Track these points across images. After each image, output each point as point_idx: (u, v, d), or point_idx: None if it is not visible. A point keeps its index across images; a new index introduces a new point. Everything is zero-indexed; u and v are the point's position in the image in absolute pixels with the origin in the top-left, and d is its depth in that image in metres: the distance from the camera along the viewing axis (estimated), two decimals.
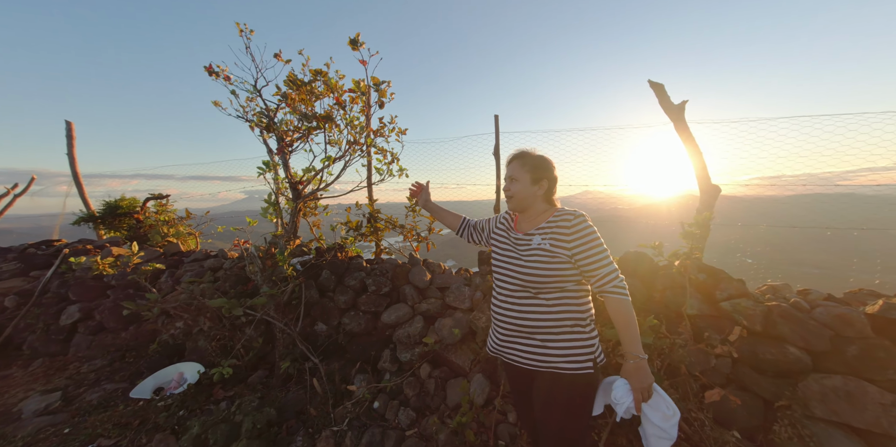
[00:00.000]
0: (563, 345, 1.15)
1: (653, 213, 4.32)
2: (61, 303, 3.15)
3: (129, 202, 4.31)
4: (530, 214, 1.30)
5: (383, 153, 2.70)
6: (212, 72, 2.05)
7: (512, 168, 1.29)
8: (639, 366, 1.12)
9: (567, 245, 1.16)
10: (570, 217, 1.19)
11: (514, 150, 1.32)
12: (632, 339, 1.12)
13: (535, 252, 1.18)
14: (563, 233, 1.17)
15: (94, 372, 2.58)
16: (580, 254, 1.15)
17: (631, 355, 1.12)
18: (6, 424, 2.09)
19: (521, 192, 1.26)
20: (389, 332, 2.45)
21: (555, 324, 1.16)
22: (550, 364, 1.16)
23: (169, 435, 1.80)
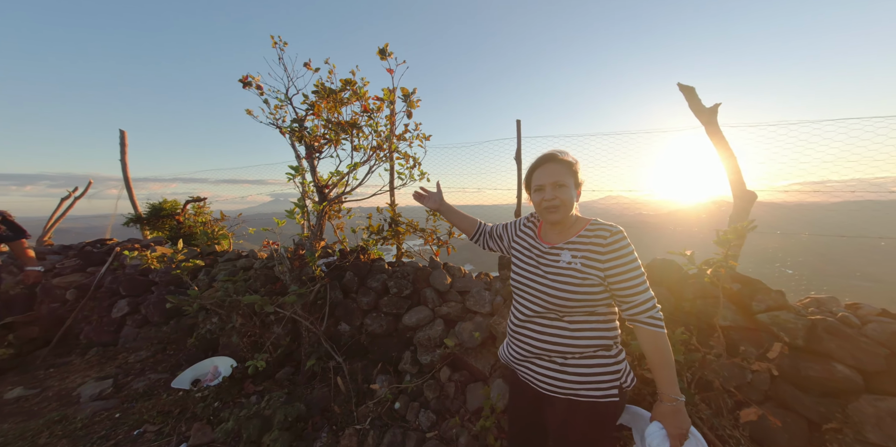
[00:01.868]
0: (585, 370, 1.01)
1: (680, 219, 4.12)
2: (113, 298, 3.40)
3: (171, 204, 4.60)
4: (562, 225, 1.12)
5: (406, 158, 2.75)
6: (246, 83, 2.17)
7: (552, 173, 1.07)
8: (676, 409, 0.96)
9: (601, 265, 1.00)
10: (605, 233, 1.02)
11: (551, 152, 1.11)
12: (668, 379, 0.97)
13: (565, 272, 1.03)
14: (598, 252, 1.01)
15: (140, 362, 2.76)
16: (615, 276, 0.99)
17: (668, 397, 0.97)
18: (68, 406, 2.28)
19: (570, 200, 1.06)
20: (410, 334, 2.47)
21: (578, 350, 1.02)
22: (568, 390, 1.02)
23: (205, 424, 1.90)
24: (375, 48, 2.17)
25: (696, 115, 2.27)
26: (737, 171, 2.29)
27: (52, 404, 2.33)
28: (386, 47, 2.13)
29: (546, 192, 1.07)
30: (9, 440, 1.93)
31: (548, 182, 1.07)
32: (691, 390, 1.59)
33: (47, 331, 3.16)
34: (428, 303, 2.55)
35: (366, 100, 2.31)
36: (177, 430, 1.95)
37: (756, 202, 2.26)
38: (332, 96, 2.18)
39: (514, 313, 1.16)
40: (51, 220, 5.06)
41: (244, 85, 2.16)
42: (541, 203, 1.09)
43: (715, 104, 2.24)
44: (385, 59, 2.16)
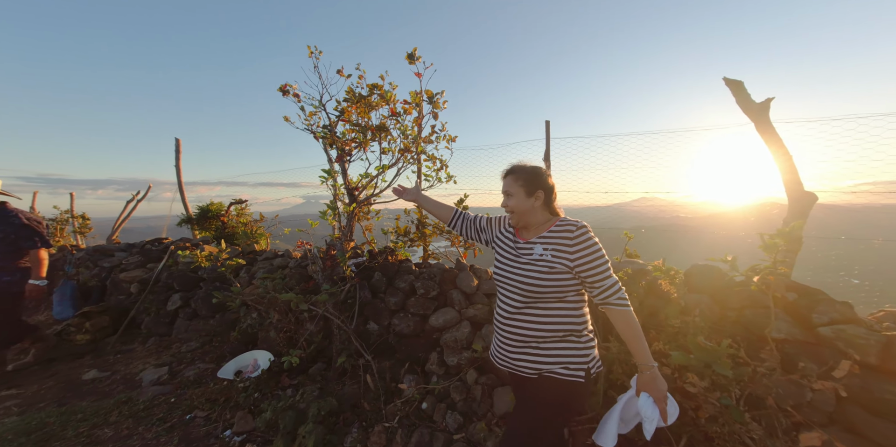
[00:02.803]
0: (557, 351, 1.15)
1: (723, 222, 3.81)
2: (168, 292, 3.70)
3: (217, 206, 4.94)
4: (533, 224, 1.28)
5: (433, 160, 2.76)
6: (285, 91, 2.28)
7: (506, 183, 1.29)
8: (654, 375, 1.11)
9: (569, 256, 1.14)
10: (572, 228, 1.17)
11: (508, 165, 1.32)
12: (642, 350, 1.12)
13: (537, 263, 1.17)
14: (566, 245, 1.15)
15: (191, 352, 2.99)
16: (582, 265, 1.13)
17: (645, 366, 1.12)
18: (132, 389, 2.51)
19: (519, 206, 1.25)
20: (437, 336, 2.47)
21: (550, 334, 1.16)
22: (541, 368, 1.15)
23: (247, 413, 2.02)
24: (402, 49, 2.19)
25: (744, 112, 2.08)
26: (792, 171, 2.07)
27: (120, 386, 2.58)
28: (415, 52, 2.15)
29: (503, 200, 1.30)
30: (87, 416, 2.16)
31: (503, 191, 1.30)
32: (740, 406, 1.45)
33: (115, 320, 3.50)
34: (454, 304, 2.54)
35: (394, 103, 2.35)
36: (222, 417, 2.08)
37: (816, 204, 2.03)
38: (363, 101, 2.23)
39: (499, 308, 1.29)
40: (118, 220, 5.62)
41: (283, 93, 2.27)
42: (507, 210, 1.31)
43: (767, 99, 2.05)
44: (413, 63, 2.18)
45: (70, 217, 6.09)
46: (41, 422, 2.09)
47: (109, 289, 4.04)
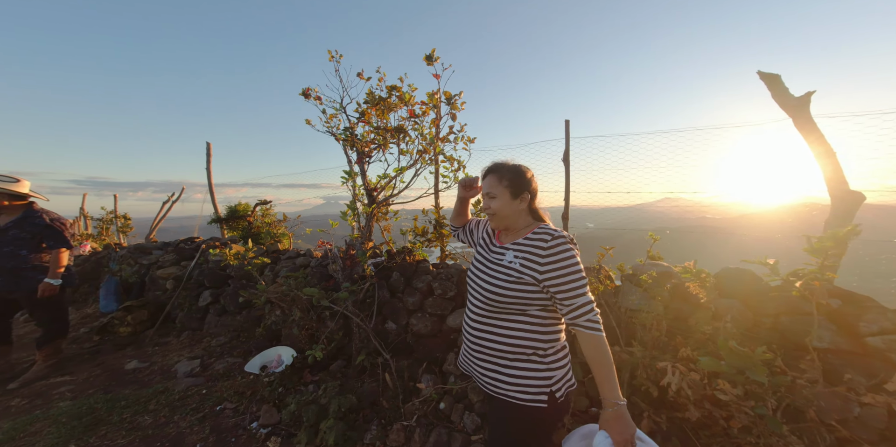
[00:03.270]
0: (517, 373, 1.05)
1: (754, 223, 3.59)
2: (199, 288, 3.89)
3: (243, 207, 5.15)
4: (513, 229, 1.19)
5: (451, 161, 2.76)
6: (307, 95, 2.35)
7: (488, 183, 1.17)
8: (618, 413, 0.95)
9: (539, 267, 1.03)
10: (547, 237, 1.05)
11: (489, 164, 1.21)
12: (608, 381, 0.96)
13: (504, 269, 1.08)
14: (537, 254, 1.05)
15: (220, 346, 3.13)
16: (552, 279, 1.02)
17: (609, 402, 0.96)
18: (168, 380, 2.66)
19: (503, 209, 1.14)
20: (454, 336, 2.46)
21: (511, 349, 1.06)
22: (501, 391, 1.06)
23: (272, 407, 2.09)
24: (418, 48, 2.21)
25: (781, 107, 1.95)
26: (836, 169, 1.92)
27: (157, 377, 2.74)
28: (433, 53, 2.16)
29: (483, 202, 1.19)
30: (129, 403, 2.31)
31: (483, 193, 1.19)
32: (776, 418, 1.36)
33: (153, 314, 3.72)
34: None
35: (412, 105, 2.36)
36: (249, 409, 2.16)
37: (863, 204, 1.88)
38: (382, 103, 2.26)
39: (466, 311, 1.21)
40: (155, 220, 5.97)
41: (305, 97, 2.33)
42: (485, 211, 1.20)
43: (807, 93, 1.91)
44: (431, 64, 2.19)
45: (114, 217, 6.53)
46: (90, 408, 2.25)
47: (148, 285, 4.30)
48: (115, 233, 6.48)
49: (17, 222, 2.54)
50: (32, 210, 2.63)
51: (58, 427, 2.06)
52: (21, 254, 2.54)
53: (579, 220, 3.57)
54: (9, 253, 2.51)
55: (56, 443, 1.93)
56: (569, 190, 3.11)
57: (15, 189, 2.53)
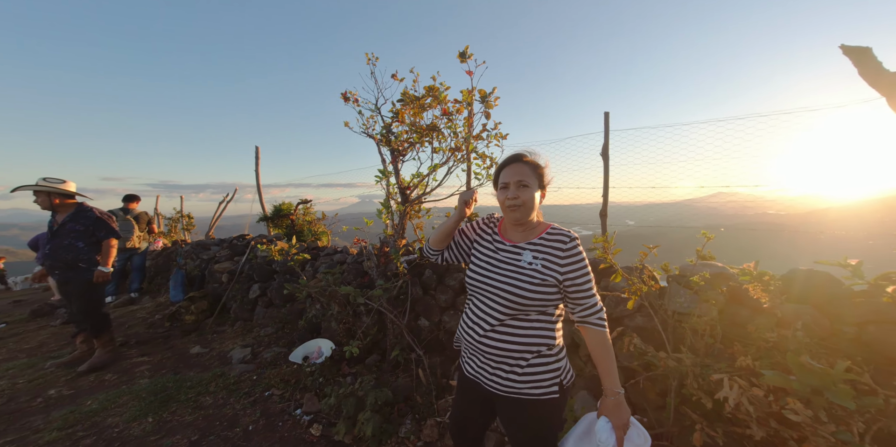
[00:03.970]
0: (530, 370, 1.06)
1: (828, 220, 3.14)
2: (249, 282, 4.21)
3: (287, 206, 5.47)
4: (524, 226, 1.13)
5: (483, 158, 2.72)
6: (346, 98, 2.42)
7: (520, 171, 1.08)
8: (618, 402, 1.04)
9: (559, 269, 1.05)
10: (565, 239, 1.07)
11: (519, 151, 1.13)
12: (611, 373, 1.04)
13: (525, 271, 1.05)
14: (557, 256, 1.05)
15: (267, 337, 3.36)
16: (571, 280, 1.04)
17: (612, 391, 1.04)
18: (225, 365, 2.91)
19: (532, 200, 1.07)
20: None
21: (526, 348, 1.06)
22: (514, 390, 1.07)
23: (314, 396, 2.20)
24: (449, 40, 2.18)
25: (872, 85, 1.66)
26: None
27: (216, 362, 3.01)
28: (466, 50, 2.12)
29: (510, 191, 1.09)
30: (193, 384, 2.56)
31: (512, 180, 1.08)
32: (865, 444, 1.17)
33: (211, 304, 4.09)
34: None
35: (445, 103, 2.35)
36: (293, 397, 2.30)
37: None
38: (416, 102, 2.28)
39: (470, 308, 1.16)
40: (213, 218, 6.55)
41: (345, 100, 2.41)
42: (504, 201, 1.10)
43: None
44: (464, 61, 2.16)
45: (180, 216, 7.27)
46: (163, 386, 2.53)
47: (207, 278, 4.73)
48: (181, 230, 7.21)
49: (72, 216, 2.84)
50: (84, 206, 2.91)
51: (139, 401, 2.34)
52: (78, 245, 2.81)
53: (618, 218, 3.36)
54: (67, 245, 2.79)
55: (137, 415, 2.19)
56: (608, 186, 2.93)
57: (64, 188, 2.83)
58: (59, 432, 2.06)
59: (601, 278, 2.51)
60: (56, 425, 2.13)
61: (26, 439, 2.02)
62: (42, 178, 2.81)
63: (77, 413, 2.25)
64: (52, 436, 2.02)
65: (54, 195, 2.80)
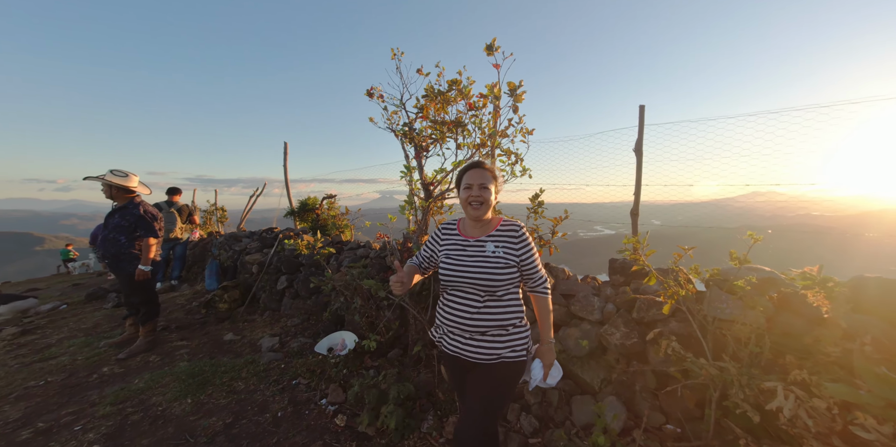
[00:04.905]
0: (506, 338, 1.29)
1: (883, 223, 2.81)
2: (277, 274, 4.34)
3: (312, 201, 5.58)
4: (482, 222, 1.37)
5: (507, 154, 2.63)
6: (371, 94, 2.40)
7: (482, 175, 1.32)
8: (549, 348, 1.39)
9: (516, 253, 1.30)
10: (517, 228, 1.34)
11: (473, 161, 1.40)
12: (547, 328, 1.39)
13: (492, 259, 1.28)
14: (513, 243, 1.31)
15: (294, 327, 3.45)
16: (525, 260, 1.32)
17: (545, 340, 1.39)
18: (255, 352, 3.01)
19: (490, 199, 1.31)
20: None
21: (503, 322, 1.28)
22: (493, 356, 1.28)
23: (338, 387, 2.23)
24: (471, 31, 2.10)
25: None
26: None
27: (247, 349, 3.12)
28: (493, 43, 2.03)
29: (473, 191, 1.31)
30: (227, 370, 2.66)
31: (476, 183, 1.31)
32: None
33: (243, 294, 4.26)
34: (529, 303, 2.40)
35: (470, 98, 2.28)
36: (319, 387, 2.34)
37: None
38: (441, 97, 2.22)
39: (447, 298, 1.36)
40: (244, 212, 6.82)
41: (370, 96, 2.39)
42: (468, 198, 1.32)
43: None
44: (491, 54, 2.07)
45: (215, 209, 7.62)
46: (200, 370, 2.65)
47: (238, 269, 4.93)
48: (215, 222, 7.56)
49: (119, 210, 2.93)
50: (134, 202, 2.96)
51: (179, 383, 2.46)
52: (121, 240, 2.90)
53: (644, 217, 3.17)
54: (112, 239, 2.89)
55: (178, 396, 2.31)
56: (640, 183, 2.76)
57: (123, 183, 2.90)
58: (112, 407, 2.21)
59: (632, 280, 2.37)
60: (109, 400, 2.28)
61: (84, 411, 2.19)
62: (110, 170, 2.91)
63: (126, 390, 2.40)
64: (105, 411, 2.17)
65: (112, 187, 2.89)
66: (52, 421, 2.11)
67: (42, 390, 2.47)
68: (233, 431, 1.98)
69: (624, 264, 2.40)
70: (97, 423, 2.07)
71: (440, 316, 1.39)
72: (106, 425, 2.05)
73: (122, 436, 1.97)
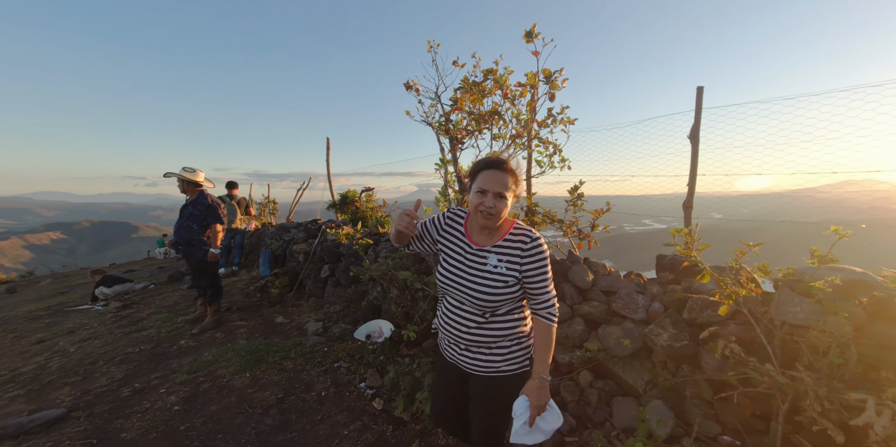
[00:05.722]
0: (506, 352, 1.18)
1: None
2: (321, 263, 4.60)
3: (352, 194, 5.81)
4: (490, 228, 1.16)
5: (545, 145, 2.50)
6: (408, 87, 2.40)
7: (500, 181, 1.07)
8: (542, 385, 1.13)
9: (519, 267, 1.13)
10: (527, 239, 1.13)
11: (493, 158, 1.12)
12: (545, 361, 1.14)
13: (491, 276, 1.12)
14: (518, 256, 1.13)
15: (336, 313, 3.65)
16: (529, 276, 1.13)
17: (538, 375, 1.14)
18: (301, 335, 3.23)
19: (505, 211, 1.10)
20: None
21: (501, 338, 1.17)
22: (492, 369, 1.18)
23: (375, 372, 2.32)
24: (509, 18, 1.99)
25: None
26: None
27: (294, 331, 3.36)
28: (533, 29, 1.92)
29: (487, 199, 1.08)
30: (278, 350, 2.88)
31: (492, 189, 1.08)
32: None
33: (291, 281, 4.58)
34: (566, 299, 2.30)
35: (507, 87, 2.19)
36: (358, 371, 2.46)
37: None
38: (476, 87, 2.15)
39: (444, 302, 1.25)
40: (292, 204, 7.31)
41: (407, 89, 2.40)
42: (479, 206, 1.10)
43: None
44: (531, 41, 1.96)
45: (268, 202, 8.25)
46: (256, 348, 2.91)
47: (287, 257, 5.30)
48: (268, 214, 8.20)
49: (192, 202, 3.32)
50: (203, 194, 3.34)
51: (239, 358, 2.73)
52: (193, 228, 3.28)
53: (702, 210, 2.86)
54: (186, 226, 3.28)
55: (238, 370, 2.56)
56: (695, 173, 2.49)
57: (193, 178, 3.31)
58: (188, 375, 2.51)
59: (682, 278, 2.17)
60: (185, 369, 2.60)
61: (168, 377, 2.52)
62: (182, 168, 3.34)
63: (198, 362, 2.71)
64: (183, 378, 2.48)
65: (184, 182, 3.32)
66: (145, 382, 2.46)
67: (137, 356, 2.88)
68: (283, 405, 2.15)
69: (673, 260, 2.20)
70: (177, 388, 2.37)
71: (439, 318, 1.27)
72: (183, 390, 2.34)
73: (195, 400, 2.23)
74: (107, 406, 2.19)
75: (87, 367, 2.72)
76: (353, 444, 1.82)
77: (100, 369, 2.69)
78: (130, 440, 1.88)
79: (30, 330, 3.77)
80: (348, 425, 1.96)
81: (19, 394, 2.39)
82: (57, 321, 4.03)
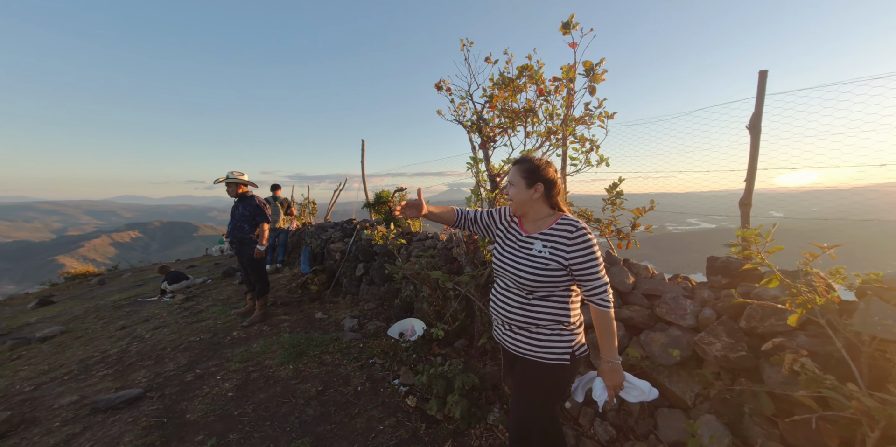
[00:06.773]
0: (544, 338, 1.25)
1: None
2: (356, 261, 4.76)
3: (385, 194, 5.94)
4: (533, 217, 1.32)
5: (581, 142, 2.37)
6: (439, 87, 2.39)
7: (510, 174, 1.32)
8: (613, 368, 1.24)
9: (565, 254, 1.20)
10: (572, 229, 1.22)
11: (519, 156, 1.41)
12: (609, 346, 1.23)
13: (535, 259, 1.23)
14: (564, 244, 1.21)
15: (370, 311, 3.75)
16: (576, 264, 1.20)
17: (607, 360, 1.24)
18: (339, 331, 3.36)
19: (517, 196, 1.28)
20: None
21: (539, 322, 1.25)
22: (530, 352, 1.26)
23: (409, 369, 2.35)
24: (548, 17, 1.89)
25: None
26: None
27: (332, 327, 3.51)
28: (571, 20, 1.81)
29: (508, 188, 1.32)
30: (318, 344, 3.02)
31: (507, 180, 1.33)
32: None
33: (329, 278, 4.79)
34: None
35: (542, 83, 2.09)
36: (392, 368, 2.51)
37: None
38: (510, 84, 2.09)
39: (502, 296, 1.34)
40: (330, 205, 7.65)
41: (438, 89, 2.39)
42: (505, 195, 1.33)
43: None
44: (568, 33, 1.86)
45: (308, 202, 8.72)
46: (298, 342, 3.08)
47: (325, 255, 5.55)
48: (308, 214, 8.66)
49: (242, 203, 3.59)
50: (249, 195, 3.62)
51: (283, 351, 2.90)
52: (244, 228, 3.56)
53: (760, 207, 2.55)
54: (238, 226, 3.55)
55: (283, 362, 2.72)
56: (755, 167, 2.23)
57: (245, 179, 3.61)
58: (240, 364, 2.72)
59: (739, 282, 1.95)
60: (238, 359, 2.81)
61: (223, 365, 2.74)
62: (230, 172, 3.64)
63: (248, 352, 2.92)
64: (236, 366, 2.68)
65: (234, 185, 3.61)
66: (204, 369, 2.70)
67: (197, 344, 3.17)
68: (323, 398, 2.25)
69: (728, 263, 1.99)
70: (230, 376, 2.57)
71: (491, 301, 1.40)
72: (236, 378, 2.53)
73: (246, 388, 2.40)
74: (174, 388, 2.43)
75: (158, 353, 3.04)
76: (389, 439, 1.85)
77: (168, 355, 2.99)
78: (193, 421, 2.06)
79: (115, 317, 4.30)
80: (383, 420, 2.00)
81: (108, 373, 2.72)
82: (135, 310, 4.55)
